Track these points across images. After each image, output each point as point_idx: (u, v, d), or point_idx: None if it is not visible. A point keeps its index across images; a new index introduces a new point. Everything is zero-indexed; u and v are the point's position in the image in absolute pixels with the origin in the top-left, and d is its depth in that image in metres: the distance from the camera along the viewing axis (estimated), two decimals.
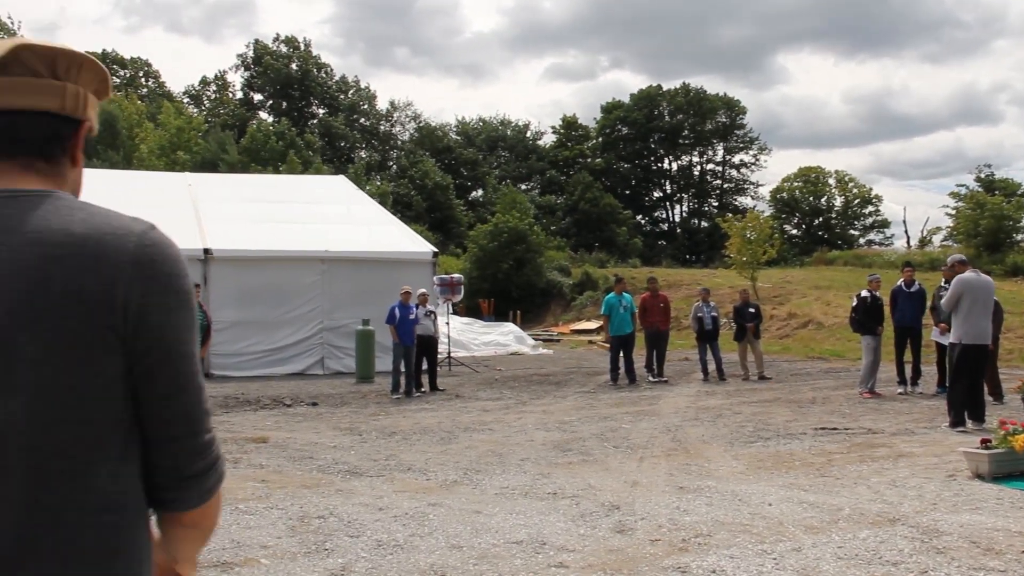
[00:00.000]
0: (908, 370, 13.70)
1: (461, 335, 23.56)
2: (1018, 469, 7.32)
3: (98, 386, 1.28)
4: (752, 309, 16.75)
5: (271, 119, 60.80)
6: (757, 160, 73.49)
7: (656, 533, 5.89)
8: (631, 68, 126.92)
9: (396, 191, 52.74)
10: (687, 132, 71.45)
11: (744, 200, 72.10)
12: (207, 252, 17.30)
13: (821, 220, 65.40)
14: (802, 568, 5.11)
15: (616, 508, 6.56)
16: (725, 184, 74.23)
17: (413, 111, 74.65)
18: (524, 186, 68.44)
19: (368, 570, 5.21)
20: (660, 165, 74.20)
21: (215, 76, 68.68)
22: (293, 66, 67.12)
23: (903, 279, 13.88)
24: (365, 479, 7.82)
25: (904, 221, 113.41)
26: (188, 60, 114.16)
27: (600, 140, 72.01)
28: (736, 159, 73.60)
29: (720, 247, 41.38)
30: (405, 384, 14.51)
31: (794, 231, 65.01)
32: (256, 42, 68.06)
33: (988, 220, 34.86)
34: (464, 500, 6.92)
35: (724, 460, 8.52)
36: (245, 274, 17.53)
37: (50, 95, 1.34)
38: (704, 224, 69.57)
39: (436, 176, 58.54)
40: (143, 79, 62.57)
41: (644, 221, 72.89)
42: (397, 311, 14.60)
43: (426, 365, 15.26)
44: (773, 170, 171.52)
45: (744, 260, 31.32)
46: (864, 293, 13.94)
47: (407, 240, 20.47)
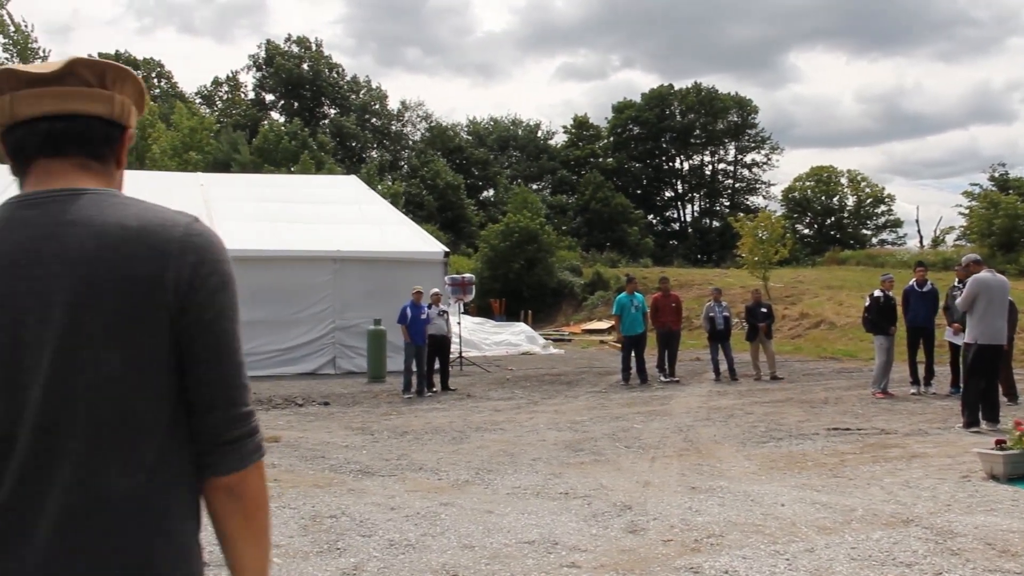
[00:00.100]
0: (921, 370, 13.65)
1: (472, 335, 23.57)
2: None
3: (151, 361, 1.41)
4: (764, 309, 16.71)
5: (282, 119, 60.95)
6: (769, 159, 73.44)
7: (668, 533, 5.88)
8: (642, 67, 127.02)
9: (408, 191, 52.78)
10: (699, 131, 71.29)
11: (756, 200, 72.10)
12: None
13: (833, 220, 65.15)
14: (815, 569, 5.09)
15: (628, 508, 6.56)
16: (737, 184, 74.10)
17: (424, 111, 74.98)
18: (535, 186, 68.50)
19: (380, 569, 5.22)
20: (672, 165, 74.10)
21: (227, 77, 69.03)
22: (305, 66, 67.27)
23: (915, 279, 13.81)
24: (377, 479, 7.83)
25: (917, 221, 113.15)
26: (200, 61, 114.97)
27: (611, 140, 71.95)
28: (748, 158, 73.54)
29: (732, 247, 41.27)
30: (417, 384, 14.54)
31: (806, 231, 64.78)
32: (268, 42, 68.39)
33: (1002, 219, 34.59)
34: (476, 500, 6.92)
35: (736, 460, 8.50)
36: (257, 274, 17.54)
37: (101, 102, 1.51)
38: (716, 224, 69.35)
39: (447, 176, 58.60)
40: (155, 80, 62.74)
41: (656, 221, 72.80)
42: (409, 311, 14.62)
43: (438, 365, 15.30)
44: (785, 169, 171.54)
45: (756, 260, 31.20)
46: (877, 293, 13.88)
47: (419, 240, 20.48)
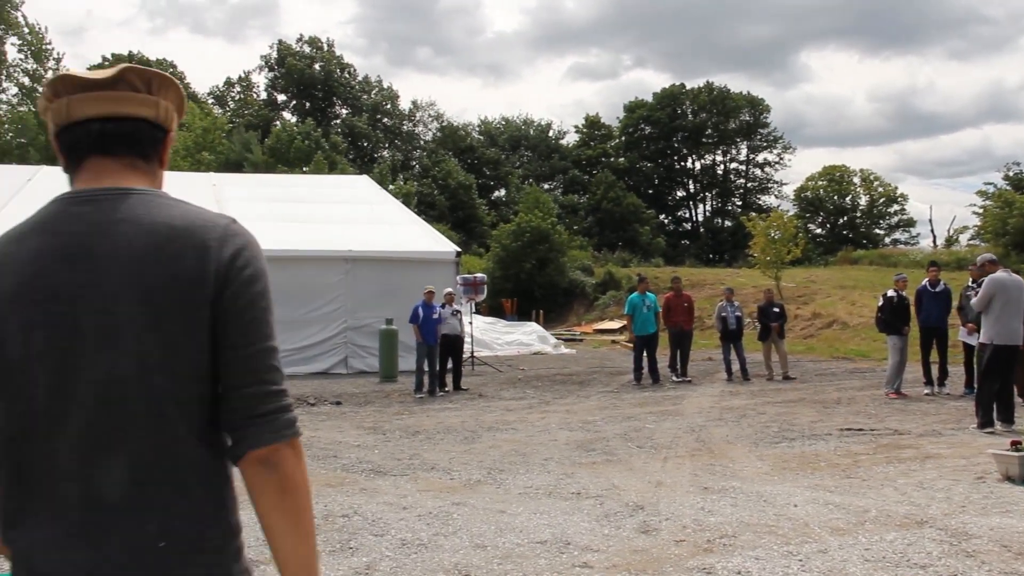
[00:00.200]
0: (935, 371, 13.57)
1: (484, 335, 23.58)
2: None
3: (194, 347, 1.51)
4: (776, 309, 16.66)
5: (294, 120, 61.06)
6: (781, 159, 73.20)
7: (681, 534, 5.87)
8: (654, 67, 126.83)
9: (420, 191, 52.82)
10: (710, 131, 71.10)
11: (768, 199, 71.88)
12: None
13: (846, 219, 64.93)
14: (828, 570, 5.07)
15: (640, 508, 6.55)
16: (749, 183, 73.86)
17: (436, 111, 74.95)
18: (547, 185, 68.48)
19: (392, 569, 5.22)
20: (683, 164, 73.94)
21: (239, 77, 69.19)
22: (316, 67, 67.39)
23: (928, 279, 13.74)
24: (389, 478, 7.85)
25: (930, 220, 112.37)
26: (212, 61, 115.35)
27: (623, 139, 71.84)
28: (760, 158, 73.29)
29: (744, 246, 41.16)
30: (428, 383, 14.55)
31: (819, 230, 64.59)
32: (280, 43, 68.44)
33: (1017, 219, 34.30)
34: (488, 499, 6.93)
35: (749, 461, 8.48)
36: (269, 273, 17.59)
37: (148, 106, 1.63)
38: (728, 223, 69.18)
39: (459, 176, 58.61)
40: None
41: (667, 220, 72.63)
42: (420, 310, 14.64)
43: (451, 364, 15.32)
44: (797, 169, 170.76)
45: (768, 260, 31.10)
46: (891, 293, 13.82)
47: (430, 240, 20.49)
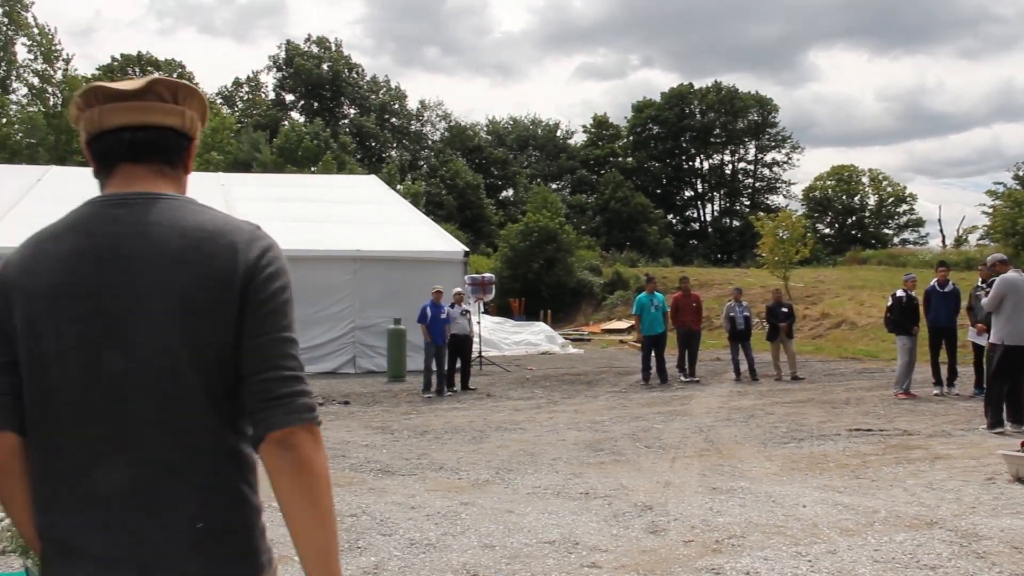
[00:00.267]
0: (944, 371, 13.52)
1: (492, 334, 23.58)
2: None
3: (223, 341, 1.59)
4: (785, 309, 16.62)
5: (302, 119, 61.14)
6: (789, 159, 72.95)
7: (689, 534, 5.86)
8: (662, 67, 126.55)
9: (428, 191, 52.84)
10: (718, 131, 70.95)
11: (776, 199, 71.64)
12: None
13: (854, 219, 64.78)
14: (837, 571, 5.06)
15: (649, 508, 6.54)
16: (757, 183, 73.71)
17: (443, 110, 74.86)
18: (554, 185, 68.43)
19: (401, 568, 5.23)
20: (691, 164, 73.81)
21: (247, 77, 69.37)
22: (324, 67, 67.51)
23: (936, 279, 13.68)
24: (397, 478, 7.85)
25: (939, 220, 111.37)
26: (221, 62, 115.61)
27: (631, 139, 71.75)
28: (768, 158, 73.06)
29: (752, 246, 41.08)
30: (436, 383, 14.57)
31: (827, 230, 64.49)
32: (288, 43, 68.61)
33: None
34: (496, 499, 6.93)
35: (757, 461, 8.46)
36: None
37: (174, 115, 1.72)
38: (736, 223, 69.00)
39: (467, 176, 58.63)
40: None
41: (675, 220, 72.50)
42: (429, 310, 14.65)
43: (459, 364, 15.33)
44: (806, 169, 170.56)
45: (776, 259, 31.06)
46: (900, 293, 13.77)
47: (438, 240, 20.51)
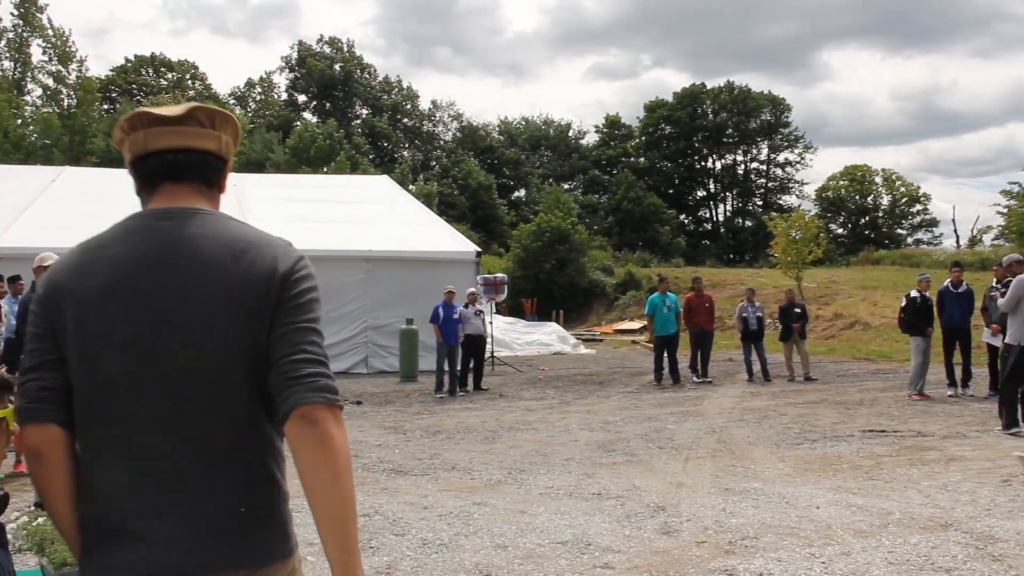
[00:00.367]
0: (958, 372, 13.45)
1: (504, 335, 23.58)
2: None
3: (261, 339, 1.73)
4: (798, 309, 16.55)
5: (315, 120, 61.30)
6: (802, 158, 72.43)
7: (702, 535, 5.85)
8: (674, 66, 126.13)
9: (440, 191, 52.87)
10: (731, 131, 70.64)
11: (789, 199, 71.24)
12: None
13: (868, 219, 64.45)
14: (851, 573, 5.04)
15: (661, 509, 6.53)
16: (770, 183, 73.36)
17: (455, 111, 74.97)
18: (567, 185, 68.37)
19: (413, 568, 5.24)
20: (704, 164, 73.55)
21: (260, 78, 69.61)
22: (336, 67, 67.65)
23: (950, 279, 13.61)
24: (410, 478, 7.87)
25: (953, 220, 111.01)
26: (233, 62, 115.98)
27: (643, 139, 71.53)
28: (781, 157, 72.67)
29: (765, 247, 40.96)
30: (449, 383, 14.59)
31: (840, 230, 64.22)
32: (300, 44, 68.83)
33: None
34: (509, 500, 6.93)
35: (770, 462, 8.44)
36: None
37: (211, 140, 1.88)
38: (748, 223, 68.76)
39: (479, 176, 58.65)
40: (190, 82, 63.21)
41: (688, 220, 72.25)
42: (441, 310, 14.66)
43: (472, 364, 15.33)
44: (818, 168, 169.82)
45: (789, 260, 30.93)
46: (913, 293, 13.70)
47: (450, 240, 20.52)
